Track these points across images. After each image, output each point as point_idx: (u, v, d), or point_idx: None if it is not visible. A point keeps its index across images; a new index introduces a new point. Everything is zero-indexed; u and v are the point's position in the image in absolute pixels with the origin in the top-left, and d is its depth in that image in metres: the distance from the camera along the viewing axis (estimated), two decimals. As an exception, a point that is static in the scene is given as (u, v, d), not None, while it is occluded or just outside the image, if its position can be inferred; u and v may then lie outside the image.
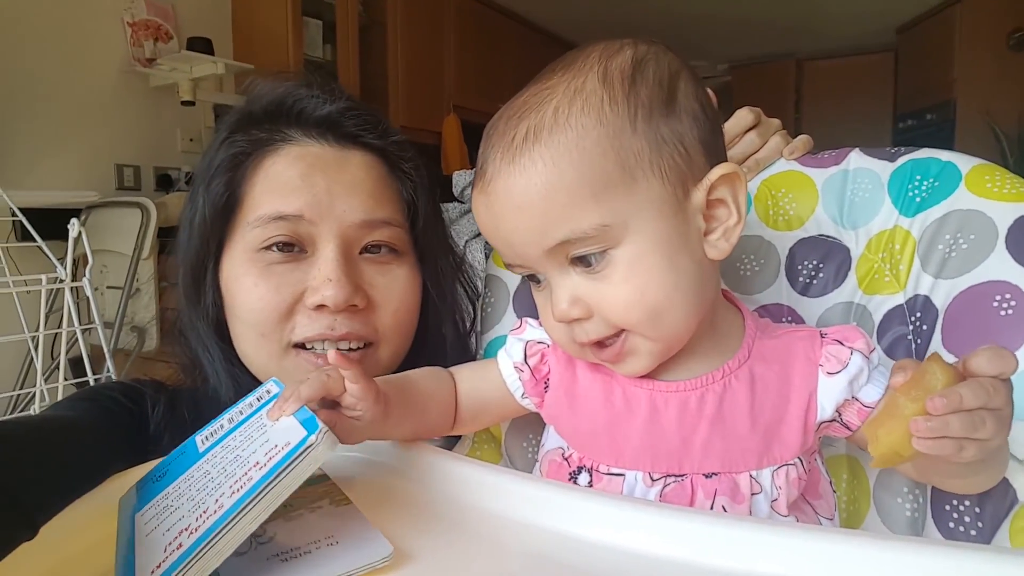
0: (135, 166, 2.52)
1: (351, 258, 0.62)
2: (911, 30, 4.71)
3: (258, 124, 0.65)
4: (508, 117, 0.45)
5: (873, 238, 0.61)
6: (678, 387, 0.47)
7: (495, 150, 0.44)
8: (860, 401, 0.46)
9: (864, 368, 0.46)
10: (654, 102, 0.43)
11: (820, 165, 0.65)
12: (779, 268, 0.65)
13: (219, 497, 0.37)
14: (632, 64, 0.44)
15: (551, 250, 0.43)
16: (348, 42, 3.20)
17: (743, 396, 0.47)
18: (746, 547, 0.36)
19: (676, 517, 0.39)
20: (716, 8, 4.39)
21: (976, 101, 4.13)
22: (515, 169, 0.43)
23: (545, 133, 0.42)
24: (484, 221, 0.46)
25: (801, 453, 0.47)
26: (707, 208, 0.44)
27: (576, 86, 0.43)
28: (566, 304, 0.44)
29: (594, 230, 0.42)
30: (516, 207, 0.43)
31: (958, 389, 0.35)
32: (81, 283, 1.25)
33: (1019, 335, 0.50)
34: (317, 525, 0.41)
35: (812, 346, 0.48)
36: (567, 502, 0.42)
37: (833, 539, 0.35)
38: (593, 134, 0.42)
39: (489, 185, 0.44)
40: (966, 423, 0.35)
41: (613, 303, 0.44)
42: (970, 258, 0.54)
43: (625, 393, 0.49)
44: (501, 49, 4.25)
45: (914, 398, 0.36)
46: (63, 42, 2.28)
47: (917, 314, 0.57)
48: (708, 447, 0.46)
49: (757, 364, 0.48)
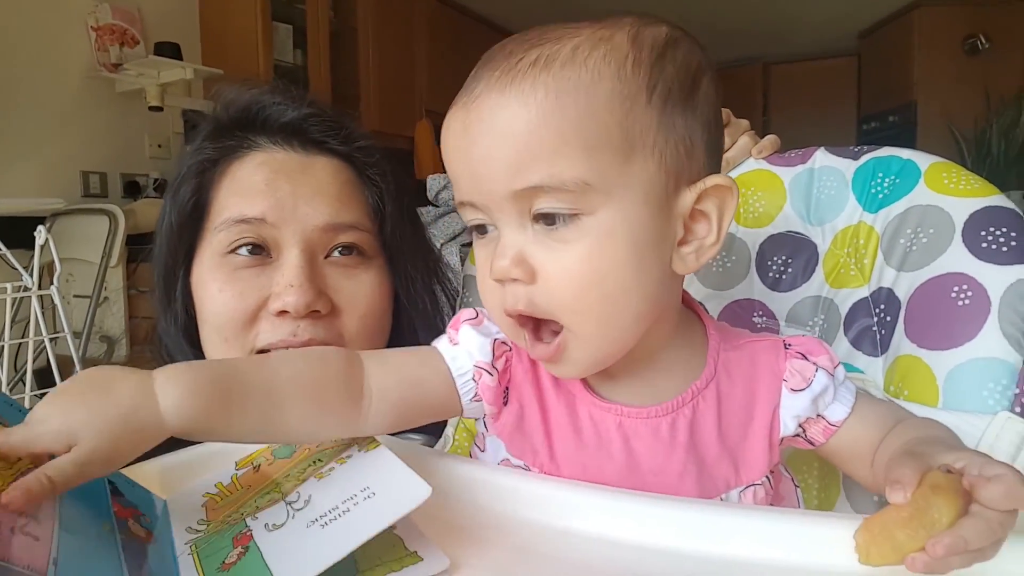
0: (102, 173, 2.47)
1: (315, 263, 0.62)
2: (872, 35, 4.85)
3: (227, 132, 0.65)
4: (519, 41, 0.40)
5: (839, 234, 0.63)
6: (648, 412, 0.44)
7: (493, 68, 0.39)
8: (826, 419, 0.45)
9: (829, 386, 0.45)
10: (676, 84, 0.40)
11: (787, 164, 0.68)
12: (750, 264, 0.67)
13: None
14: (666, 39, 0.41)
15: (519, 192, 0.38)
16: (319, 47, 3.18)
17: (711, 418, 0.45)
18: (724, 530, 0.37)
19: (663, 506, 0.40)
20: (684, 14, 4.46)
21: (936, 103, 4.26)
22: (511, 91, 0.38)
23: (557, 65, 0.38)
24: (454, 143, 0.41)
25: (768, 470, 0.46)
26: (690, 217, 0.41)
27: (603, 35, 0.39)
28: (509, 261, 0.39)
29: (574, 184, 0.37)
30: (499, 131, 0.38)
31: (963, 531, 0.31)
32: (49, 291, 1.22)
33: (975, 324, 0.52)
34: (350, 478, 0.39)
35: (776, 358, 0.46)
36: (552, 494, 0.43)
37: (811, 520, 0.37)
38: (607, 85, 0.38)
39: (475, 101, 0.39)
40: (967, 560, 0.32)
41: (565, 276, 0.39)
42: (929, 251, 0.57)
43: (592, 418, 0.45)
44: (474, 55, 4.13)
45: (913, 537, 0.33)
46: (26, 47, 2.23)
47: (881, 306, 0.59)
48: (684, 475, 0.44)
49: (723, 380, 0.46)
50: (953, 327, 0.53)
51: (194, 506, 0.43)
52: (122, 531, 0.37)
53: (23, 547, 0.28)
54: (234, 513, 0.40)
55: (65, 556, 0.30)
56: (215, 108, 0.69)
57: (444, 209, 2.23)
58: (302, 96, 0.68)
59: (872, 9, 4.49)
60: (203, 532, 0.39)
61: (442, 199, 2.26)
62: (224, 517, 0.40)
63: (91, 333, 1.91)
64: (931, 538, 0.32)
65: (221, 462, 0.51)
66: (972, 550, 0.32)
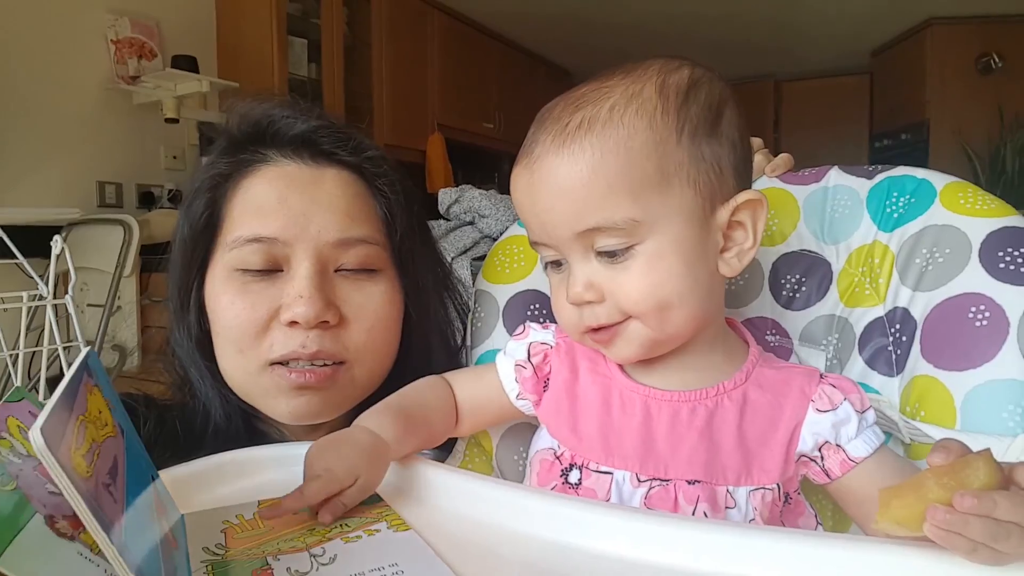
0: (117, 183, 2.51)
1: (326, 275, 0.62)
2: (885, 53, 4.84)
3: (240, 147, 0.66)
4: (565, 105, 0.48)
5: (853, 252, 0.63)
6: (672, 396, 0.50)
7: (547, 132, 0.47)
8: (846, 452, 0.48)
9: (852, 418, 0.48)
10: (701, 122, 0.47)
11: (801, 182, 0.67)
12: (763, 282, 0.66)
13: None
14: (688, 82, 0.48)
15: (581, 234, 0.46)
16: (333, 61, 3.22)
17: (732, 415, 0.49)
18: (738, 552, 0.37)
19: (669, 524, 0.39)
20: (697, 30, 4.48)
21: (948, 122, 4.25)
22: (564, 152, 0.46)
23: (599, 126, 0.45)
24: (522, 198, 0.49)
25: (780, 479, 0.48)
26: (727, 228, 0.48)
27: (634, 90, 0.47)
28: (581, 287, 0.47)
29: (625, 222, 0.45)
30: (558, 188, 0.46)
31: (995, 495, 0.32)
32: (64, 300, 1.23)
33: (993, 345, 0.52)
34: (379, 551, 0.40)
35: (809, 382, 0.50)
36: (560, 511, 0.42)
37: (823, 543, 0.36)
38: (642, 136, 0.45)
39: (536, 163, 0.47)
40: (989, 530, 0.32)
41: (628, 291, 0.46)
42: (946, 271, 0.56)
43: (622, 396, 0.51)
44: (485, 69, 4.29)
45: (945, 485, 0.33)
46: (46, 59, 2.27)
47: (897, 326, 0.59)
48: (693, 456, 0.48)
49: (752, 389, 0.50)
50: (971, 348, 0.53)
51: (213, 529, 0.43)
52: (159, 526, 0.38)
53: (108, 503, 0.32)
54: (255, 548, 0.41)
55: (129, 526, 0.33)
56: (227, 122, 0.69)
57: (455, 223, 2.23)
58: (311, 109, 0.68)
59: (885, 27, 4.49)
60: (221, 556, 0.40)
61: (453, 213, 2.26)
62: (244, 549, 0.41)
63: (104, 342, 1.92)
64: (960, 491, 0.31)
65: (224, 476, 0.51)
66: (999, 519, 0.32)
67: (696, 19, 4.36)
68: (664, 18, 4.24)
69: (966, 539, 0.32)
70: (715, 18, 4.30)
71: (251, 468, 0.52)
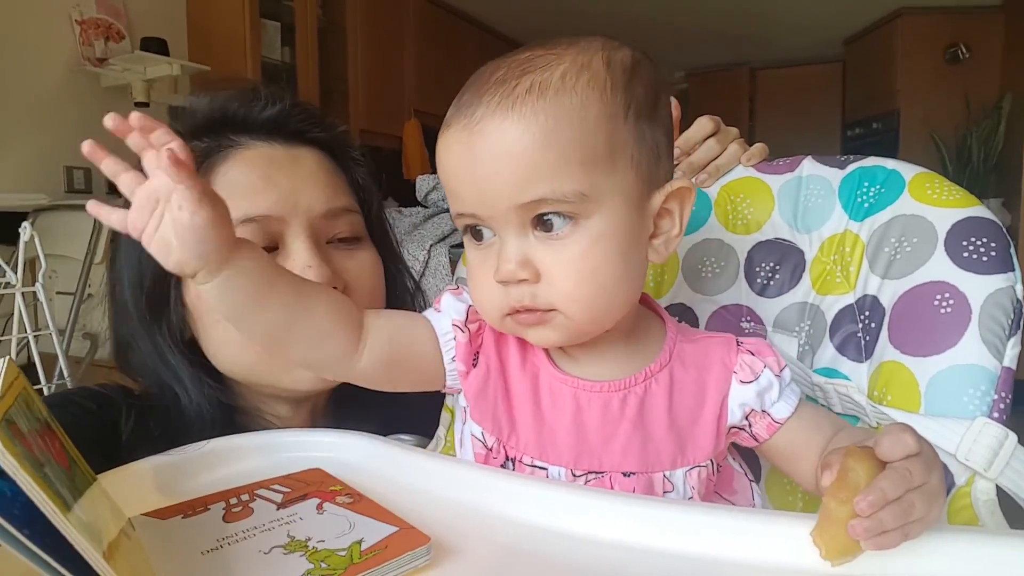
0: (86, 168, 2.45)
1: (322, 247, 0.65)
2: (857, 42, 4.91)
3: (207, 131, 0.65)
4: (509, 68, 0.44)
5: (825, 241, 0.65)
6: (602, 387, 0.48)
7: (491, 95, 0.43)
8: (771, 416, 0.49)
9: (774, 384, 0.49)
10: (644, 103, 0.46)
11: (775, 172, 0.69)
12: (738, 270, 0.68)
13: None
14: (632, 61, 0.46)
15: (524, 206, 0.43)
16: (307, 45, 3.17)
17: (662, 399, 0.49)
18: (708, 529, 0.38)
19: (651, 507, 0.41)
20: (672, 16, 4.50)
21: (918, 111, 4.34)
22: (513, 115, 0.42)
23: (551, 92, 0.42)
24: (456, 163, 0.45)
25: (714, 454, 0.49)
26: (657, 215, 0.47)
27: (583, 61, 0.44)
28: (515, 264, 0.44)
29: (574, 195, 0.42)
30: (505, 151, 0.42)
31: (879, 483, 0.35)
32: (35, 288, 1.21)
33: (956, 331, 0.53)
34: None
35: (728, 352, 0.51)
36: (539, 493, 0.43)
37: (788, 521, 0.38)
38: (595, 109, 0.43)
39: (477, 125, 0.43)
40: (897, 513, 0.35)
41: (566, 272, 0.44)
42: (913, 260, 0.58)
43: (551, 388, 0.49)
44: (462, 54, 4.25)
45: (842, 500, 0.35)
46: (8, 40, 2.21)
47: (866, 313, 0.61)
48: (627, 448, 0.47)
49: (676, 367, 0.50)
50: (935, 334, 0.55)
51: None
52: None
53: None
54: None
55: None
56: (190, 109, 0.69)
57: (434, 210, 2.23)
58: (276, 93, 0.69)
59: (857, 16, 4.55)
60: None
61: (431, 200, 2.26)
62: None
63: (74, 330, 1.89)
64: (855, 499, 0.34)
65: (209, 465, 0.51)
66: (894, 499, 0.34)
67: (673, 7, 4.37)
68: (641, 5, 4.25)
69: (891, 532, 0.35)
70: (692, 6, 4.32)
71: (236, 455, 0.53)
